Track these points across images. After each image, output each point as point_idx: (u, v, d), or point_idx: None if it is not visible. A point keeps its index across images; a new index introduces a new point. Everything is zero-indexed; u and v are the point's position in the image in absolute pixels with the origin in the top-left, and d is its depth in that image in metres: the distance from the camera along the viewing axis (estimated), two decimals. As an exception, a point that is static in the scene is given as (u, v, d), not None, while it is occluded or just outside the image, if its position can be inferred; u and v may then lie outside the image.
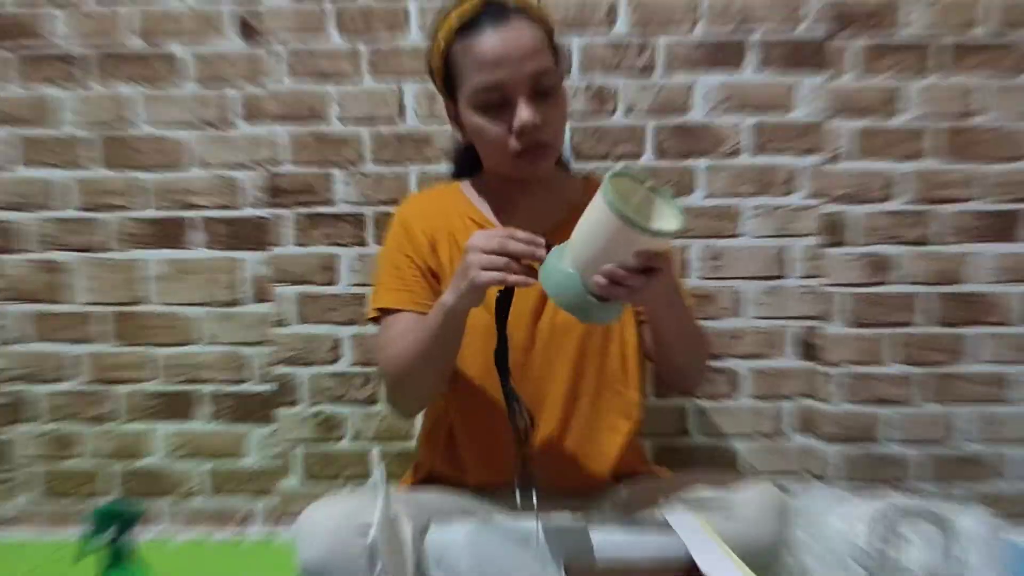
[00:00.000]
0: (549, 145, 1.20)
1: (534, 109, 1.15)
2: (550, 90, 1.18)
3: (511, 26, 1.16)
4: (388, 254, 1.31)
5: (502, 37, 1.15)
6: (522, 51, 1.15)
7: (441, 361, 1.18)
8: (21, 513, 1.77)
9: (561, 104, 1.22)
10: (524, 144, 1.17)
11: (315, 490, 1.74)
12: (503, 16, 1.16)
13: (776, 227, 1.68)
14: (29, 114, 1.69)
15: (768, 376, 1.72)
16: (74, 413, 1.75)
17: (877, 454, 1.72)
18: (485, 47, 1.15)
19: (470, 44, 1.17)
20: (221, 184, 1.70)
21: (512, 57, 1.14)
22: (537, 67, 1.15)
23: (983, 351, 1.69)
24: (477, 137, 1.23)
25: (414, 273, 1.27)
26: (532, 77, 1.15)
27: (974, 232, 1.67)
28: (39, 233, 1.72)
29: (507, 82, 1.15)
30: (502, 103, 1.17)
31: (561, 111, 1.22)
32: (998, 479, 1.72)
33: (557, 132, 1.22)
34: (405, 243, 1.29)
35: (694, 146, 1.67)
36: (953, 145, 1.66)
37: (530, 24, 1.18)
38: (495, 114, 1.18)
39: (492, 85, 1.16)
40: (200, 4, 1.66)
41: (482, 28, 1.16)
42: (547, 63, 1.17)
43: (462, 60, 1.18)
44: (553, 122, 1.19)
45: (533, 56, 1.15)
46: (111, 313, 1.73)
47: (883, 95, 1.65)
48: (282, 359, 1.74)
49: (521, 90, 1.15)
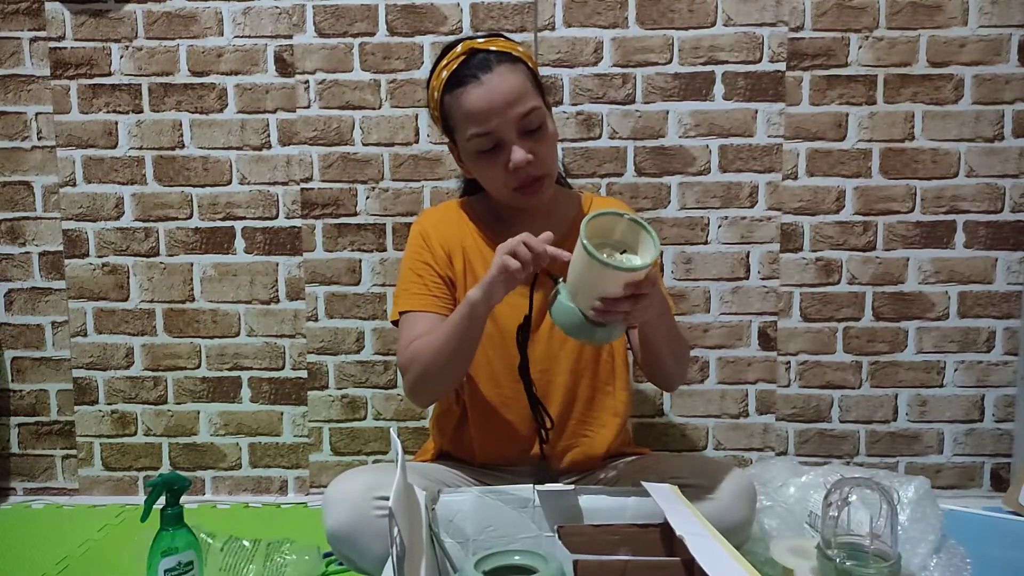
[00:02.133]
0: (544, 176, 1.15)
1: (526, 148, 1.11)
2: (538, 127, 1.13)
3: (495, 75, 1.10)
4: (410, 263, 1.25)
5: (487, 89, 1.10)
6: (507, 98, 1.10)
7: (460, 355, 1.10)
8: (84, 482, 1.77)
9: (549, 136, 1.16)
10: (520, 181, 1.13)
11: (341, 463, 1.74)
12: (487, 67, 1.11)
13: (740, 235, 1.68)
14: (92, 137, 1.69)
15: (733, 364, 1.71)
16: (132, 396, 1.75)
17: (828, 432, 1.72)
18: (472, 101, 1.10)
19: (458, 98, 1.12)
20: (260, 198, 1.70)
21: (498, 106, 1.09)
22: (523, 109, 1.11)
23: (920, 342, 1.69)
24: (478, 176, 1.19)
25: (435, 279, 1.22)
26: (519, 119, 1.11)
27: (911, 240, 1.67)
28: (102, 241, 1.71)
29: (497, 129, 1.10)
30: (495, 146, 1.12)
31: (550, 142, 1.16)
32: (934, 453, 1.71)
33: (549, 162, 1.17)
34: (426, 253, 1.24)
35: (669, 165, 1.66)
36: (894, 164, 1.65)
37: (512, 68, 1.12)
38: (490, 157, 1.13)
39: (483, 133, 1.11)
40: (241, 41, 1.66)
41: (468, 81, 1.11)
42: (532, 102, 1.12)
43: (455, 112, 1.14)
44: (544, 154, 1.14)
45: (518, 100, 1.10)
46: (164, 310, 1.73)
47: (833, 121, 1.65)
48: (313, 349, 1.73)
49: (511, 133, 1.11)
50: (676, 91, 1.65)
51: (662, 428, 1.73)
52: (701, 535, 0.83)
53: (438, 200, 1.67)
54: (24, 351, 1.74)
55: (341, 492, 1.08)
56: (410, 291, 1.23)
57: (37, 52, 1.67)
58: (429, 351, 1.11)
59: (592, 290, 0.94)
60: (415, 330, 1.18)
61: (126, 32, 1.66)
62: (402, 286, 1.25)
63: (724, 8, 1.62)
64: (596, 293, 0.93)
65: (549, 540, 1.02)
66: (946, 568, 1.22)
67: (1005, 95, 1.62)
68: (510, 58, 1.13)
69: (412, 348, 1.15)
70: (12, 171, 1.70)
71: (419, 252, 1.24)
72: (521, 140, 1.12)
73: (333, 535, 1.07)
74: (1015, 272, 1.66)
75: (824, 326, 1.70)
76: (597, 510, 1.03)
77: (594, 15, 1.63)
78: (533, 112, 1.12)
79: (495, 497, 1.04)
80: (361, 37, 1.65)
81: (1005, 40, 1.61)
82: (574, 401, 1.24)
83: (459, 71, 1.12)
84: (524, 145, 1.12)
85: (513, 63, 1.13)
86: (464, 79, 1.11)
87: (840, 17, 1.62)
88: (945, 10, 1.61)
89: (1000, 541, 1.44)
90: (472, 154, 1.15)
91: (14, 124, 1.68)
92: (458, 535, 1.02)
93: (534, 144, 1.13)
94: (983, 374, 1.69)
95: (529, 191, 1.15)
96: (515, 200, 1.17)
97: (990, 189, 1.64)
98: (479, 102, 1.10)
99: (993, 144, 1.63)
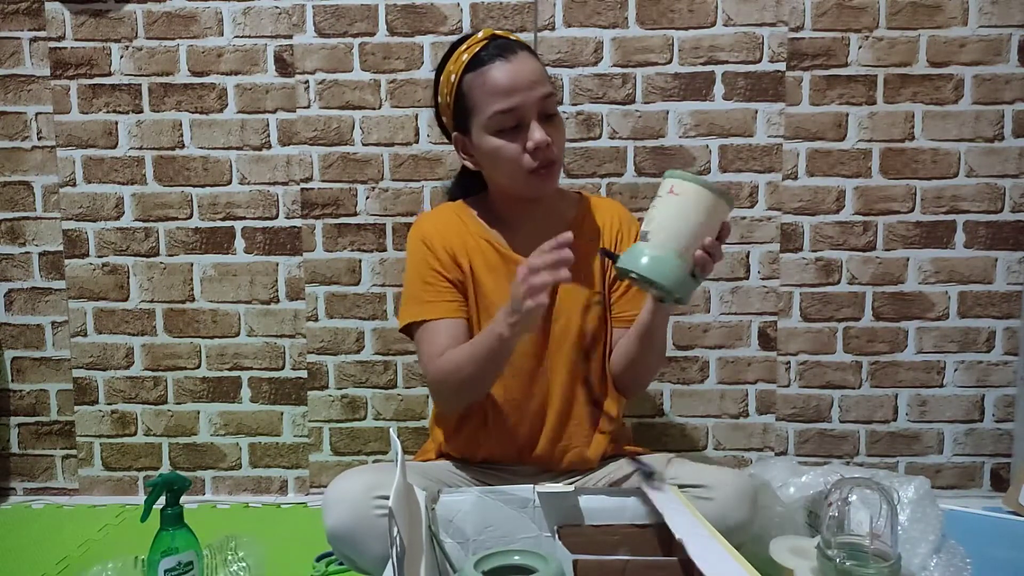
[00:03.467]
0: (557, 162, 1.19)
1: (544, 130, 1.15)
2: (555, 113, 1.18)
3: (518, 57, 1.16)
4: (416, 271, 1.23)
5: (513, 67, 1.15)
6: (531, 78, 1.15)
7: (494, 376, 1.13)
8: (84, 482, 1.77)
9: (562, 126, 1.21)
10: (538, 161, 1.15)
11: (341, 463, 1.74)
12: (510, 49, 1.16)
13: (740, 235, 1.68)
14: (92, 137, 1.69)
15: (733, 364, 1.71)
16: (132, 396, 1.75)
17: (828, 432, 1.72)
18: (498, 76, 1.14)
19: (483, 75, 1.15)
20: (260, 198, 1.70)
21: (523, 84, 1.14)
22: (544, 92, 1.16)
23: (920, 342, 1.69)
24: (493, 158, 1.18)
25: (445, 284, 1.21)
26: (541, 101, 1.15)
27: (911, 240, 1.67)
28: (102, 241, 1.71)
29: (520, 106, 1.14)
30: (516, 126, 1.15)
31: (562, 132, 1.21)
32: (934, 453, 1.71)
33: (562, 150, 1.21)
34: (431, 259, 1.22)
35: (669, 165, 1.66)
36: (894, 164, 1.65)
37: (531, 56, 1.18)
38: (510, 136, 1.16)
39: (508, 109, 1.14)
40: (241, 41, 1.66)
41: (492, 61, 1.15)
42: (550, 89, 1.18)
43: (475, 92, 1.16)
44: (559, 141, 1.19)
45: (540, 82, 1.16)
46: (164, 310, 1.73)
47: (833, 121, 1.65)
48: (313, 349, 1.73)
49: (532, 113, 1.15)
50: (676, 91, 1.65)
51: (662, 428, 1.73)
52: (701, 535, 0.83)
53: (438, 200, 1.67)
54: (24, 351, 1.74)
55: (341, 492, 1.08)
56: (422, 299, 1.21)
57: (37, 52, 1.67)
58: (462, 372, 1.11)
59: (701, 230, 0.96)
60: (439, 340, 1.17)
61: (126, 32, 1.66)
62: (411, 294, 1.24)
63: (724, 8, 1.62)
64: (702, 235, 0.96)
65: (549, 540, 1.02)
66: (946, 568, 1.22)
67: (1005, 95, 1.62)
68: (529, 49, 1.20)
69: (442, 363, 1.14)
70: (12, 171, 1.70)
71: (424, 259, 1.23)
72: (540, 122, 1.16)
73: (333, 535, 1.07)
74: (1015, 272, 1.66)
75: (824, 326, 1.70)
76: (597, 510, 1.03)
77: (594, 15, 1.63)
78: (552, 96, 1.17)
79: (495, 497, 1.04)
80: (361, 37, 1.65)
81: (1005, 40, 1.61)
82: (573, 401, 1.24)
83: (482, 53, 1.17)
84: (543, 127, 1.15)
85: (531, 53, 1.19)
86: (488, 59, 1.16)
87: (840, 17, 1.62)
88: (945, 10, 1.61)
89: (1000, 541, 1.44)
90: (492, 133, 1.17)
91: (14, 124, 1.68)
92: (458, 535, 1.02)
93: (551, 129, 1.17)
94: (983, 374, 1.69)
95: (543, 174, 1.17)
96: (527, 185, 1.18)
97: (990, 189, 1.64)
98: (505, 78, 1.14)
99: (993, 144, 1.63)
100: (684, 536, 0.81)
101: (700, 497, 1.09)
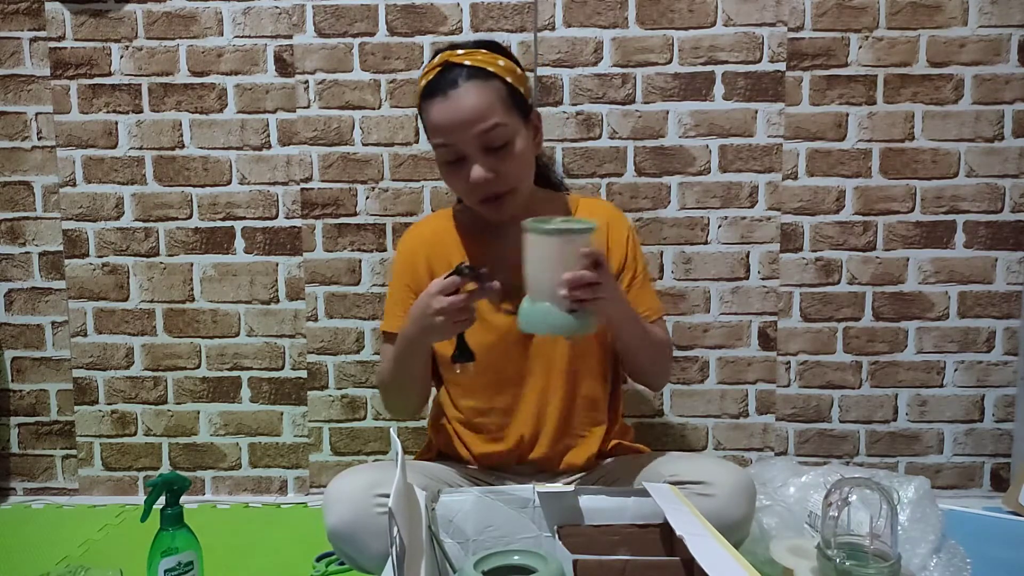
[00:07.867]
0: (507, 193, 1.15)
1: (487, 165, 1.11)
2: (503, 144, 1.12)
3: (460, 91, 1.10)
4: (395, 283, 1.29)
5: (449, 105, 1.10)
6: (468, 116, 1.10)
7: (410, 378, 1.20)
8: (84, 482, 1.77)
9: (515, 154, 1.13)
10: (480, 196, 1.14)
11: (341, 463, 1.74)
12: (452, 84, 1.11)
13: (740, 235, 1.68)
14: (92, 137, 1.69)
15: (733, 364, 1.71)
16: (132, 396, 1.75)
17: (828, 432, 1.72)
18: (434, 114, 1.12)
19: (427, 109, 1.14)
20: (260, 198, 1.70)
21: (457, 123, 1.10)
22: (483, 127, 1.10)
23: (920, 342, 1.69)
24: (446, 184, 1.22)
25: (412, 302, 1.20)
26: (479, 137, 1.10)
27: (911, 240, 1.67)
28: (102, 241, 1.71)
29: (457, 144, 1.12)
30: (458, 159, 1.13)
31: (517, 160, 1.14)
32: (934, 453, 1.71)
33: (513, 178, 1.15)
34: (407, 274, 1.26)
35: (669, 165, 1.66)
36: (894, 164, 1.65)
37: (482, 85, 1.11)
38: (454, 169, 1.15)
39: (444, 145, 1.13)
40: (241, 41, 1.66)
41: (434, 96, 1.12)
42: (496, 120, 1.10)
43: (425, 121, 1.17)
44: (508, 171, 1.13)
45: (480, 118, 1.10)
46: (164, 310, 1.73)
47: (833, 121, 1.65)
48: (313, 349, 1.73)
49: (471, 149, 1.11)
50: (676, 91, 1.65)
51: (662, 428, 1.73)
52: (701, 535, 0.83)
53: (438, 200, 1.67)
54: (24, 351, 1.74)
55: (341, 490, 1.08)
56: (393, 313, 1.27)
57: (37, 52, 1.67)
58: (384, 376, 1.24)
59: (555, 273, 0.97)
60: (386, 351, 1.25)
61: (126, 32, 1.66)
62: (388, 304, 1.30)
63: (724, 8, 1.62)
64: (559, 273, 0.97)
65: (549, 540, 1.02)
66: (946, 568, 1.22)
67: (1005, 95, 1.62)
68: (483, 74, 1.12)
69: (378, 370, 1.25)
70: (12, 171, 1.70)
71: (401, 274, 1.28)
72: (483, 156, 1.12)
73: (334, 533, 1.08)
74: (1015, 272, 1.66)
75: (824, 326, 1.70)
76: (597, 510, 1.03)
77: (594, 15, 1.63)
78: (496, 129, 1.11)
79: (495, 497, 1.04)
80: (361, 37, 1.65)
81: (1005, 40, 1.61)
82: (573, 401, 1.24)
83: (432, 83, 1.14)
84: (486, 162, 1.12)
85: (485, 79, 1.12)
86: (434, 92, 1.13)
87: (840, 17, 1.62)
88: (945, 10, 1.61)
89: (1000, 541, 1.44)
90: (439, 163, 1.18)
91: (14, 124, 1.68)
92: (458, 535, 1.02)
93: (497, 161, 1.12)
94: (983, 374, 1.69)
95: (491, 206, 1.16)
96: (481, 212, 1.19)
97: (990, 189, 1.65)
98: (439, 117, 1.12)
99: (993, 144, 1.63)
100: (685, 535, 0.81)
101: (700, 494, 1.09)
